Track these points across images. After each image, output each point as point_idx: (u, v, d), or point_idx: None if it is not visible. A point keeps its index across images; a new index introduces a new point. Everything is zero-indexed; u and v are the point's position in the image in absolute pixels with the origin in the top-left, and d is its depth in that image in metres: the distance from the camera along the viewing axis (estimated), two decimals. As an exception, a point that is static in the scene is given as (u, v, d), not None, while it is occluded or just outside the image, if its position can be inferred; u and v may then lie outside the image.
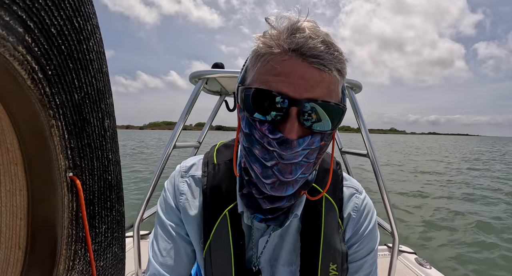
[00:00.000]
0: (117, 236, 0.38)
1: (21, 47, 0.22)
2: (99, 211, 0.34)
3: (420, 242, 4.34)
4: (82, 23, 0.28)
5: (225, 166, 0.64)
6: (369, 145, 1.38)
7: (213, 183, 0.62)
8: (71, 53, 0.27)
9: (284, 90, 0.43)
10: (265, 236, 0.60)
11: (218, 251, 0.58)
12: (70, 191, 0.30)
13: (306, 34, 0.43)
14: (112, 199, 0.36)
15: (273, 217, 0.55)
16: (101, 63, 0.32)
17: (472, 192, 8.29)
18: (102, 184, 0.34)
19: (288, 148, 0.44)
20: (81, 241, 0.32)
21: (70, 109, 0.28)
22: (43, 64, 0.24)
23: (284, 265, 0.61)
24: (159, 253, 0.62)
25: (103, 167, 0.34)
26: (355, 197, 0.66)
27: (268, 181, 0.48)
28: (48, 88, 0.25)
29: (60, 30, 0.25)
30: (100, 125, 0.33)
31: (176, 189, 0.65)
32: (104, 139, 0.34)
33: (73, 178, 0.30)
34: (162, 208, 0.66)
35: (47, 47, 0.24)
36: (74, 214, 0.31)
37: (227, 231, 0.58)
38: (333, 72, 0.44)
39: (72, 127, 0.29)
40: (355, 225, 0.64)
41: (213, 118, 1.91)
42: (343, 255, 0.59)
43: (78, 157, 0.30)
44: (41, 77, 0.24)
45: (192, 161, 0.69)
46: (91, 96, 0.31)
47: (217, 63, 1.49)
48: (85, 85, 0.30)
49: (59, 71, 0.26)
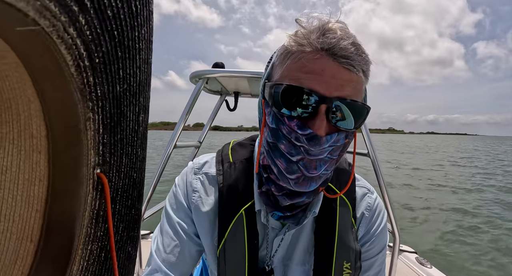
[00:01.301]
0: (132, 235, 0.36)
1: (72, 29, 0.19)
2: (120, 209, 0.32)
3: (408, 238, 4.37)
4: (140, 7, 0.26)
5: (241, 165, 0.64)
6: (370, 145, 1.38)
7: (229, 182, 0.62)
8: (122, 40, 0.25)
9: (315, 88, 0.45)
10: (280, 235, 0.60)
11: (233, 250, 0.58)
12: (95, 188, 0.28)
13: (337, 35, 0.44)
14: (133, 197, 0.35)
15: (292, 214, 0.56)
16: (148, 53, 0.30)
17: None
18: (127, 181, 0.32)
19: (317, 144, 0.46)
20: (97, 241, 0.30)
21: (110, 101, 0.26)
22: (92, 50, 0.22)
23: (297, 264, 0.61)
24: (163, 249, 0.62)
25: (130, 164, 0.32)
26: (367, 196, 0.67)
27: (293, 176, 0.49)
28: (92, 77, 0.23)
29: (116, 13, 0.23)
30: (135, 119, 0.31)
31: (188, 186, 0.65)
32: (136, 135, 0.32)
33: (100, 175, 0.28)
34: (172, 203, 0.66)
35: (100, 32, 0.22)
36: (95, 213, 0.29)
37: (243, 230, 0.58)
38: (360, 73, 0.46)
39: (109, 121, 0.27)
40: (367, 224, 0.65)
41: (213, 118, 1.90)
42: (356, 254, 0.60)
43: (108, 153, 0.28)
44: (87, 65, 0.22)
45: (205, 159, 0.69)
46: (132, 88, 0.29)
47: (218, 63, 1.48)
48: (129, 76, 0.28)
49: (106, 59, 0.24)
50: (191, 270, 0.65)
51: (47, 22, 0.17)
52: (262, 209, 0.59)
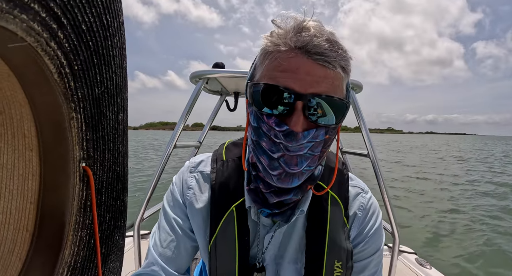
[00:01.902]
0: (119, 225, 0.40)
1: (53, 42, 0.23)
2: (106, 200, 0.36)
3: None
4: (110, 20, 0.29)
5: (233, 163, 0.66)
6: (370, 145, 1.38)
7: (221, 179, 0.63)
8: (97, 49, 0.29)
9: (290, 86, 0.46)
10: (271, 232, 0.61)
11: (223, 246, 0.60)
12: (81, 180, 0.31)
13: (311, 33, 0.45)
14: (118, 190, 0.38)
15: (280, 212, 0.56)
16: (122, 59, 0.33)
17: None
18: (110, 174, 0.36)
19: (294, 140, 0.47)
20: (86, 228, 0.33)
21: (90, 102, 0.29)
22: (71, 59, 0.25)
23: (290, 262, 0.61)
24: (159, 243, 0.64)
25: (113, 159, 0.36)
26: (360, 196, 0.66)
27: (275, 173, 0.50)
28: (73, 82, 0.27)
29: (89, 26, 0.27)
30: (115, 118, 0.34)
31: (184, 184, 0.67)
32: (117, 132, 0.35)
33: (85, 168, 0.31)
34: (168, 200, 0.68)
35: (76, 43, 0.26)
36: (83, 203, 0.32)
37: (233, 226, 0.60)
38: (337, 69, 0.46)
39: (90, 119, 0.30)
40: (360, 224, 0.65)
41: (213, 118, 1.90)
42: (348, 253, 0.60)
43: (92, 149, 0.32)
44: (68, 72, 0.26)
45: (201, 158, 0.71)
46: (110, 91, 0.32)
47: (218, 63, 1.48)
48: (105, 80, 0.31)
49: (84, 66, 0.27)
50: (187, 265, 0.67)
51: (32, 39, 0.21)
52: (252, 205, 0.59)
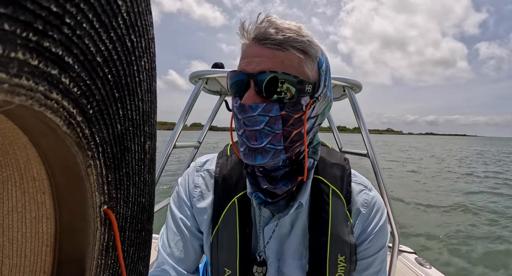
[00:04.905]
0: (143, 255, 0.36)
1: (55, 93, 0.17)
2: (129, 235, 0.32)
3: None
4: (135, 40, 0.23)
5: (237, 157, 0.67)
6: (369, 145, 1.39)
7: (224, 172, 0.66)
8: (118, 80, 0.22)
9: (244, 68, 0.53)
10: (270, 224, 0.61)
11: (225, 237, 0.61)
12: (103, 224, 0.27)
13: (263, 25, 0.52)
14: (143, 221, 0.34)
15: (273, 201, 0.57)
16: (151, 82, 0.27)
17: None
18: (136, 208, 0.31)
19: (243, 111, 0.52)
20: (109, 269, 0.30)
21: (111, 143, 0.24)
22: (83, 104, 0.19)
23: (294, 259, 0.61)
24: (167, 243, 0.66)
25: (138, 192, 0.31)
26: (364, 193, 0.66)
27: (242, 149, 0.54)
28: (87, 129, 0.21)
29: (107, 56, 0.20)
30: (141, 150, 0.29)
31: (190, 183, 0.69)
32: (143, 163, 0.30)
33: (107, 211, 0.27)
34: (175, 201, 0.70)
35: (90, 82, 0.19)
36: (105, 245, 0.28)
37: (235, 217, 0.61)
38: (290, 50, 0.50)
39: (111, 160, 0.25)
40: (364, 221, 0.64)
41: (213, 118, 1.90)
42: (351, 247, 0.60)
43: (114, 190, 0.27)
44: (80, 120, 0.19)
45: (206, 157, 0.73)
46: (136, 122, 0.26)
47: (217, 63, 1.48)
48: (130, 111, 0.25)
49: (102, 106, 0.21)
50: (196, 264, 0.68)
51: (23, 98, 0.15)
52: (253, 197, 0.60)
